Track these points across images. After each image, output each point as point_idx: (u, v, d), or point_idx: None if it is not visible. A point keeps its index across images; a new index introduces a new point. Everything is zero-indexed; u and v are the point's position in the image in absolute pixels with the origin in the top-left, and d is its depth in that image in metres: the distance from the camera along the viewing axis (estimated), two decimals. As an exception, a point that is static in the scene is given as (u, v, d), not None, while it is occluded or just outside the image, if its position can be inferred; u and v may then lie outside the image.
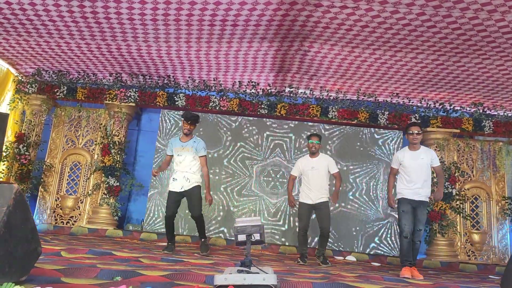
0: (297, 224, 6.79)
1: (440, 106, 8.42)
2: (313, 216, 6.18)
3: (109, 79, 8.72)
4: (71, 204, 8.51)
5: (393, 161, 5.57)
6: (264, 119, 8.78)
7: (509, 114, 8.40)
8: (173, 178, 5.76)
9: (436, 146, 8.36)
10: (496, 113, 8.46)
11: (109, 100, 8.57)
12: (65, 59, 7.96)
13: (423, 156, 5.28)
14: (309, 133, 6.61)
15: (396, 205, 5.35)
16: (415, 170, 5.23)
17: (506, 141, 8.64)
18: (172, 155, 5.91)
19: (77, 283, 2.51)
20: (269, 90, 8.58)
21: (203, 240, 5.79)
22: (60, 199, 8.54)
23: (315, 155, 6.12)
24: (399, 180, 5.41)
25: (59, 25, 6.49)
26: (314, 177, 5.99)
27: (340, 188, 6.16)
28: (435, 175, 5.63)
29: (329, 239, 7.96)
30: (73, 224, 8.34)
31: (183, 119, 5.70)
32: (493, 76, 7.06)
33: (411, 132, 5.30)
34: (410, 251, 5.08)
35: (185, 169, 5.68)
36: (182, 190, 5.65)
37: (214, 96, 8.60)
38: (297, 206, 6.27)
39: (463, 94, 8.00)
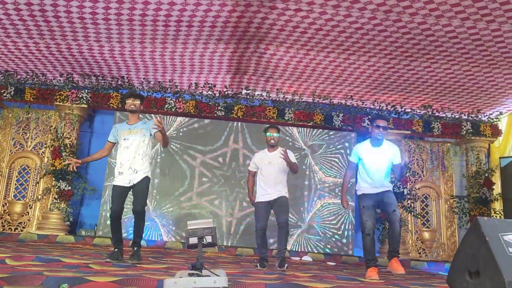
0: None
1: (392, 108, 8.67)
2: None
3: (60, 80, 8.44)
4: (19, 210, 8.16)
5: (352, 154, 5.12)
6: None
7: (456, 116, 8.76)
8: (119, 172, 4.89)
9: (388, 147, 8.58)
10: (444, 115, 8.81)
11: (59, 102, 8.28)
12: (11, 58, 7.64)
13: (385, 151, 4.93)
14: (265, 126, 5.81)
15: (349, 207, 5.17)
16: (377, 166, 4.87)
17: (454, 142, 9.01)
18: (114, 143, 5.06)
19: (19, 292, 2.40)
20: (226, 92, 8.56)
21: (135, 249, 4.84)
22: (7, 204, 8.18)
23: (274, 149, 5.51)
24: (359, 176, 5.03)
25: (5, 23, 6.22)
26: (272, 172, 5.42)
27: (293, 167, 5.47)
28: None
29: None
30: (21, 231, 8.00)
31: (129, 96, 4.93)
32: (441, 79, 7.34)
33: (377, 125, 4.86)
34: (373, 249, 4.78)
35: (131, 156, 4.85)
36: (130, 184, 4.84)
37: (170, 98, 8.49)
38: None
39: (413, 96, 8.27)
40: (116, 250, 4.75)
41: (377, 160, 4.88)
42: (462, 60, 6.57)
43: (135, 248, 4.84)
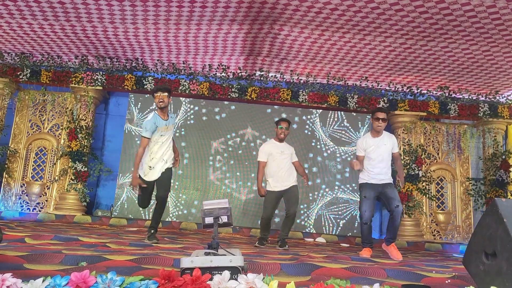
0: None
1: (408, 90, 8.55)
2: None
3: (75, 62, 8.48)
4: (37, 190, 8.31)
5: (358, 149, 5.33)
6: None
7: (474, 98, 8.61)
8: (150, 167, 4.94)
9: (403, 129, 8.51)
10: (461, 96, 8.67)
11: (75, 84, 8.33)
12: (27, 40, 7.69)
13: (386, 142, 5.16)
14: (277, 118, 6.05)
15: (358, 166, 5.16)
16: (379, 157, 5.11)
17: (471, 124, 8.87)
18: (149, 138, 4.95)
19: (40, 269, 2.46)
20: (240, 74, 8.52)
21: (152, 231, 4.96)
22: (25, 185, 8.32)
23: (283, 141, 5.79)
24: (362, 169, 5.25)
25: (21, 5, 6.24)
26: (284, 161, 5.64)
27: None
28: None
29: (302, 223, 8.07)
30: (39, 211, 8.16)
31: (157, 90, 4.94)
32: (458, 60, 7.20)
33: (376, 117, 5.13)
34: (370, 235, 5.09)
35: (166, 151, 5.00)
36: (160, 173, 4.95)
37: (184, 80, 8.48)
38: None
39: (430, 77, 8.14)
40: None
41: (378, 151, 5.15)
42: (481, 40, 6.42)
43: (152, 231, 4.97)
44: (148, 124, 4.90)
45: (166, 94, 4.94)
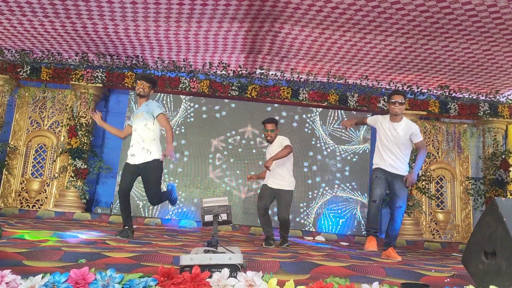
0: None
1: (408, 89, 8.55)
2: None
3: (75, 59, 8.47)
4: (37, 187, 8.31)
5: (372, 118, 5.11)
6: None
7: (474, 97, 8.61)
8: (131, 154, 4.78)
9: (403, 128, 8.49)
10: (461, 95, 8.67)
11: (75, 81, 8.32)
12: (28, 37, 7.68)
13: (400, 131, 4.76)
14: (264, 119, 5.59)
15: (346, 124, 5.04)
16: (390, 143, 4.76)
17: (471, 123, 8.88)
18: (132, 126, 4.94)
19: (39, 266, 2.45)
20: (240, 72, 8.52)
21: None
22: (25, 182, 8.33)
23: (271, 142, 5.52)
24: (375, 151, 4.97)
25: (21, 2, 6.23)
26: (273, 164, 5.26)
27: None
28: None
29: (302, 221, 8.07)
30: (39, 208, 8.17)
31: (140, 78, 4.82)
32: (459, 59, 7.20)
33: (393, 101, 4.74)
34: (376, 219, 4.71)
35: (139, 139, 4.74)
36: (145, 161, 4.68)
37: (184, 77, 8.47)
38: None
39: (430, 77, 8.14)
40: (125, 227, 4.70)
41: (391, 137, 4.77)
42: (482, 39, 6.42)
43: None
44: None
45: (146, 83, 4.80)
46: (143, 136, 4.74)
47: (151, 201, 4.83)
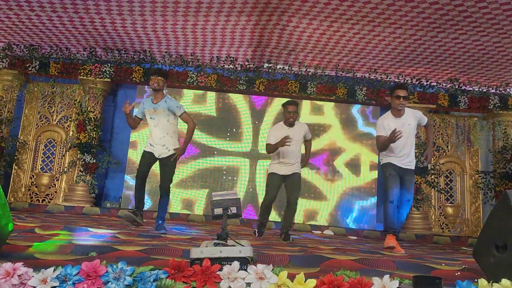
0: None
1: (417, 82, 8.49)
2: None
3: (83, 54, 8.49)
4: (46, 182, 8.37)
5: (379, 128, 4.82)
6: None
7: (484, 90, 8.52)
8: (150, 144, 5.09)
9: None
10: (471, 88, 8.58)
11: (83, 76, 8.35)
12: (36, 33, 7.71)
13: (410, 122, 4.70)
14: (285, 101, 5.52)
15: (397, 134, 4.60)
16: (403, 138, 4.62)
17: (481, 117, 8.80)
18: (141, 118, 5.29)
19: (50, 259, 2.47)
20: (248, 66, 8.49)
21: (160, 222, 5.01)
22: (35, 176, 8.39)
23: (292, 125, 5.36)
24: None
25: (29, -3, 6.26)
26: (292, 147, 5.20)
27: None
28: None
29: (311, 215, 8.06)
30: (49, 202, 8.23)
31: (153, 73, 5.01)
32: (469, 51, 7.12)
33: (397, 96, 4.63)
34: (395, 218, 4.60)
35: (161, 135, 5.02)
36: (160, 157, 5.05)
37: (192, 72, 8.47)
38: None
39: (440, 69, 8.06)
40: (135, 209, 5.07)
41: (405, 131, 4.65)
42: (492, 31, 6.34)
43: (160, 222, 5.01)
44: (140, 105, 5.32)
45: (161, 78, 5.02)
46: (167, 130, 5.05)
47: (163, 185, 5.07)
